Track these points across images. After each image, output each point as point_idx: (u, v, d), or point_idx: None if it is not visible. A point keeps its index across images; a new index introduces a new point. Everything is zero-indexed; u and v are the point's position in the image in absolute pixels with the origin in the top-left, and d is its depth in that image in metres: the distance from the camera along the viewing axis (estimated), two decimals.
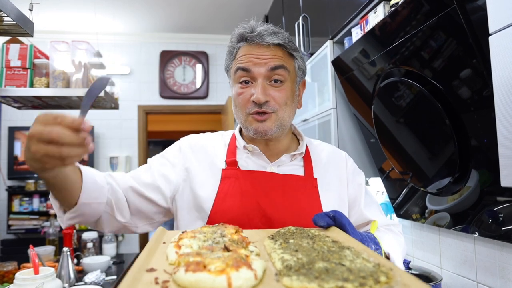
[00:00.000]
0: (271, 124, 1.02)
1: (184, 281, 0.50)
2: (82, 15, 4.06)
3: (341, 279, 0.49)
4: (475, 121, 1.19)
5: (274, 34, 1.02)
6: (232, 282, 0.49)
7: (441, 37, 1.21)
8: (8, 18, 1.23)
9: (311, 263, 0.56)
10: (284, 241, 0.72)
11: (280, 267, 0.57)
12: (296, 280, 0.49)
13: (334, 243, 0.69)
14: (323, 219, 0.84)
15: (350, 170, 1.17)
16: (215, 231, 0.75)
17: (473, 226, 1.40)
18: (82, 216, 0.95)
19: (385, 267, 0.54)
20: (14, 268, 2.39)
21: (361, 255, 0.61)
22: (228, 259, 0.54)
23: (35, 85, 2.19)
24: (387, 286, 0.49)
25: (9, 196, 4.28)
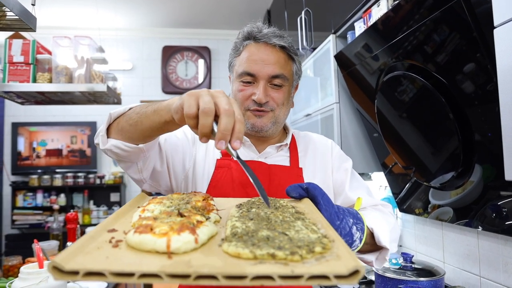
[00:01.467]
0: (267, 120, 1.10)
1: (131, 242, 0.54)
2: (84, 10, 4.06)
3: (276, 247, 0.51)
4: (479, 115, 1.18)
5: (280, 37, 1.10)
6: (171, 244, 0.51)
7: (445, 31, 1.20)
8: (11, 13, 1.23)
9: (256, 231, 0.58)
10: (247, 209, 0.74)
11: (228, 233, 0.59)
12: (233, 246, 0.52)
13: (294, 214, 0.71)
14: (295, 190, 0.87)
15: (336, 157, 1.22)
16: (183, 198, 0.78)
17: (476, 220, 1.39)
18: (127, 153, 0.95)
19: (327, 239, 0.55)
20: (18, 262, 2.40)
21: (312, 226, 0.62)
22: (176, 224, 0.57)
23: (38, 80, 2.20)
24: (320, 256, 0.50)
25: (13, 191, 4.31)
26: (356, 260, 0.47)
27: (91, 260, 0.48)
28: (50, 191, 4.38)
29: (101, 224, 0.61)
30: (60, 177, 4.35)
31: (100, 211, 4.35)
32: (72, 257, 0.48)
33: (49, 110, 4.39)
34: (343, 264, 0.47)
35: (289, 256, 0.48)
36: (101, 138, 0.95)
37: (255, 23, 1.13)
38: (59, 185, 4.33)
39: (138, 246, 0.53)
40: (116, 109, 0.97)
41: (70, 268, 0.45)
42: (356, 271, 0.45)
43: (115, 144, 0.93)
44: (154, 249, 0.52)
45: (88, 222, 4.26)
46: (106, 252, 0.52)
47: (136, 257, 0.50)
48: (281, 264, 0.48)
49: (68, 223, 2.42)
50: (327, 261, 0.49)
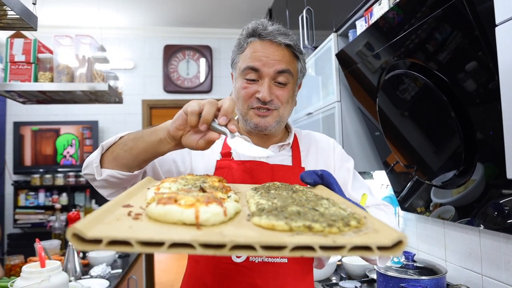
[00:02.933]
0: (271, 120, 1.08)
1: (154, 213, 0.51)
2: (86, 9, 4.06)
3: (311, 220, 0.49)
4: (481, 113, 1.18)
5: (286, 35, 1.08)
6: (200, 215, 0.49)
7: (446, 29, 1.19)
8: (12, 12, 1.23)
9: (285, 207, 0.56)
10: (265, 191, 0.73)
11: (254, 209, 0.57)
12: (265, 218, 0.50)
13: (315, 196, 0.69)
14: (310, 176, 0.86)
15: (338, 156, 1.21)
16: (198, 179, 0.77)
17: (478, 219, 1.39)
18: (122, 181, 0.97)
19: (358, 215, 0.54)
20: (20, 261, 2.41)
21: (338, 204, 0.61)
22: (201, 197, 0.54)
23: (39, 79, 2.20)
24: (356, 229, 0.49)
25: (15, 191, 4.31)
26: (397, 231, 0.46)
27: (113, 229, 0.45)
28: (52, 191, 4.38)
29: (114, 200, 0.58)
30: (62, 177, 4.36)
31: None
32: (92, 225, 0.44)
33: (50, 109, 4.40)
34: (384, 236, 0.46)
35: (327, 228, 0.47)
36: (96, 169, 0.97)
37: (259, 19, 1.11)
38: (61, 184, 4.34)
39: (163, 218, 0.50)
40: (106, 141, 0.98)
41: (93, 235, 0.42)
42: (400, 242, 0.44)
43: (110, 174, 0.95)
44: (180, 220, 0.49)
45: None
46: (127, 223, 0.48)
47: (162, 227, 0.48)
48: (320, 235, 0.46)
49: (70, 222, 2.43)
50: (365, 233, 0.47)
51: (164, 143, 0.87)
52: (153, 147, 0.89)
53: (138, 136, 0.92)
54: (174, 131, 0.83)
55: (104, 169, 0.97)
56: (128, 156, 0.93)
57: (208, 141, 0.80)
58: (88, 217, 0.46)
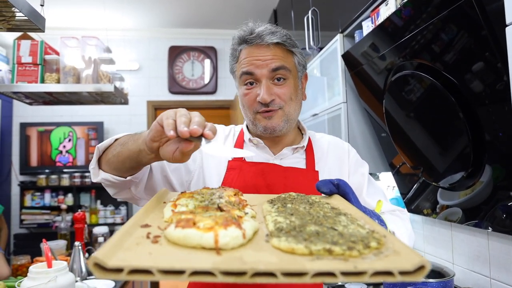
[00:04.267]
0: (278, 120, 1.06)
1: (173, 237, 0.50)
2: (92, 11, 4.08)
3: (330, 242, 0.48)
4: (490, 114, 1.17)
5: (273, 34, 1.05)
6: (219, 239, 0.48)
7: (454, 30, 1.18)
8: (20, 13, 1.24)
9: (303, 226, 0.55)
10: (282, 205, 0.72)
11: (272, 228, 0.57)
12: (285, 241, 0.49)
13: (332, 210, 0.68)
14: (326, 186, 0.85)
15: (352, 161, 1.19)
16: (214, 193, 0.76)
17: (486, 221, 1.38)
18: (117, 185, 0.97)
19: (378, 234, 0.53)
20: (27, 261, 2.42)
21: (357, 221, 0.60)
22: (219, 218, 0.54)
23: (46, 81, 2.21)
24: (376, 251, 0.48)
25: (21, 191, 4.34)
26: (419, 255, 0.45)
27: (134, 256, 0.45)
28: (58, 191, 4.41)
29: (132, 220, 0.57)
30: (67, 177, 4.38)
31: (107, 210, 4.38)
32: (112, 253, 0.44)
33: (56, 110, 4.43)
34: (405, 259, 0.45)
35: (347, 252, 0.46)
36: (93, 171, 0.97)
37: (247, 24, 1.09)
38: (67, 185, 4.36)
39: (182, 242, 0.49)
40: (102, 143, 0.97)
41: (114, 265, 0.42)
42: (422, 267, 0.43)
43: (105, 177, 0.95)
44: (200, 244, 0.48)
45: (95, 221, 4.29)
46: (147, 247, 0.48)
47: (181, 253, 0.47)
48: (340, 259, 0.45)
49: (76, 222, 2.44)
50: (386, 256, 0.46)
51: (143, 153, 0.82)
52: (135, 156, 0.85)
53: (125, 142, 0.89)
54: (150, 143, 0.78)
55: (101, 171, 0.96)
56: (116, 162, 0.91)
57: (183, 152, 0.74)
58: (109, 243, 0.46)
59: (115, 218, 4.36)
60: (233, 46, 1.12)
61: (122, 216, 4.40)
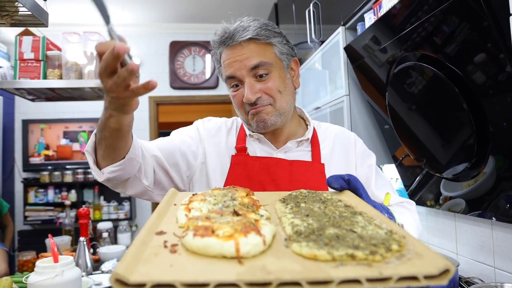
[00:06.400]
0: (267, 114, 1.04)
1: (192, 246, 0.50)
2: (93, 6, 4.06)
3: (352, 246, 0.48)
4: (494, 104, 1.17)
5: (244, 30, 1.03)
6: (240, 247, 0.48)
7: (458, 20, 1.18)
8: (24, 8, 1.23)
9: (322, 229, 0.55)
10: (295, 204, 0.71)
11: (290, 232, 0.56)
12: (306, 246, 0.49)
13: (346, 208, 0.68)
14: (337, 181, 0.84)
15: (359, 152, 1.16)
16: (226, 194, 0.75)
17: (489, 212, 1.38)
18: (123, 171, 0.95)
19: (397, 235, 0.53)
20: (32, 257, 2.44)
21: (374, 221, 0.60)
22: (237, 224, 0.54)
23: (48, 77, 2.21)
24: (399, 254, 0.48)
25: (25, 188, 4.36)
26: (443, 257, 0.45)
27: (155, 269, 0.44)
28: (61, 187, 4.42)
29: (146, 227, 0.56)
30: (70, 174, 4.39)
31: (110, 206, 4.40)
32: (133, 267, 0.44)
33: (58, 107, 4.43)
34: (429, 263, 0.45)
35: (370, 256, 0.46)
36: (95, 174, 0.97)
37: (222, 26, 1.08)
38: (70, 181, 4.37)
39: (202, 251, 0.49)
40: (87, 145, 0.96)
41: (136, 280, 0.41)
42: (446, 270, 0.43)
43: (109, 171, 0.94)
44: (221, 253, 0.48)
45: (99, 217, 4.31)
46: (166, 258, 0.48)
47: (202, 263, 0.47)
48: (364, 265, 0.45)
49: (80, 218, 2.44)
50: (409, 259, 0.46)
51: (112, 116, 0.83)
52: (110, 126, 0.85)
53: (97, 127, 0.90)
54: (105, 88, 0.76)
55: (102, 169, 0.96)
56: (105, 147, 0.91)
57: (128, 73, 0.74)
58: (128, 257, 0.45)
59: (118, 214, 4.38)
60: (214, 50, 1.11)
61: (125, 211, 4.41)
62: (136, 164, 0.99)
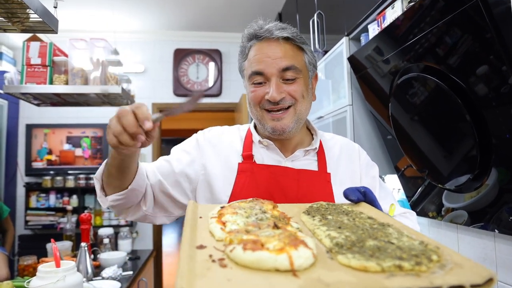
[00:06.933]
0: (288, 120, 1.03)
1: (244, 260, 0.50)
2: (100, 13, 4.11)
3: (396, 257, 0.49)
4: (497, 116, 1.17)
5: (283, 29, 1.05)
6: (294, 261, 0.49)
7: (461, 32, 1.19)
8: (35, 15, 1.26)
9: (361, 241, 0.56)
10: (322, 217, 0.72)
11: (329, 244, 0.57)
12: (353, 258, 0.50)
13: (373, 220, 0.69)
14: (354, 194, 0.85)
15: (364, 163, 1.17)
16: (253, 207, 0.75)
17: (492, 224, 1.38)
18: (125, 199, 1.00)
19: (431, 245, 0.55)
20: (33, 262, 2.44)
21: (404, 232, 0.61)
22: (283, 237, 0.54)
23: (54, 82, 2.24)
24: (440, 264, 0.49)
25: (27, 192, 4.36)
26: (484, 267, 0.47)
27: (215, 284, 0.45)
28: (63, 193, 4.43)
29: (186, 242, 0.56)
30: (72, 179, 4.40)
31: (111, 212, 4.39)
32: (192, 283, 0.44)
33: (62, 112, 4.45)
34: (471, 272, 0.47)
35: (416, 267, 0.48)
36: (100, 200, 1.02)
37: (256, 22, 1.09)
38: (72, 186, 4.38)
39: (255, 265, 0.49)
40: (97, 172, 1.02)
41: None
42: (490, 279, 0.45)
43: (112, 199, 0.99)
44: (274, 267, 0.48)
45: (100, 223, 4.30)
46: (220, 273, 0.48)
47: (259, 277, 0.47)
48: (412, 275, 0.47)
49: (82, 223, 2.45)
50: (451, 269, 0.48)
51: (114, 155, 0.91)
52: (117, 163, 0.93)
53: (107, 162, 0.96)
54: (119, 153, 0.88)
55: (107, 197, 1.01)
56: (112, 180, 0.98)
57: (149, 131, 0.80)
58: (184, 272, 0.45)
59: (119, 220, 4.37)
60: (243, 44, 1.11)
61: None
62: (139, 194, 1.04)
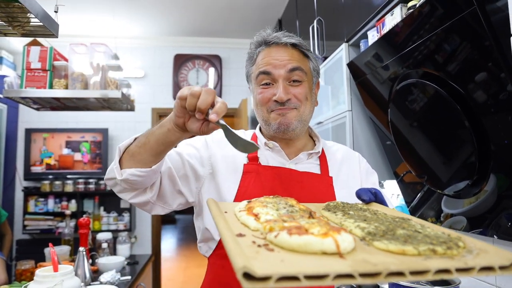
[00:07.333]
0: (292, 117, 1.08)
1: (291, 244, 0.53)
2: (101, 18, 4.13)
3: (428, 243, 0.53)
4: (496, 123, 1.18)
5: (290, 36, 1.12)
6: (340, 244, 0.52)
7: (460, 39, 1.20)
8: (36, 19, 1.26)
9: (391, 230, 0.60)
10: (343, 212, 0.76)
11: (361, 234, 0.61)
12: (389, 244, 0.53)
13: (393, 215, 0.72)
14: (366, 194, 0.89)
15: (364, 170, 1.23)
16: (278, 202, 0.79)
17: (491, 230, 1.38)
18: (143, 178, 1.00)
19: (453, 234, 0.58)
20: (31, 266, 2.43)
21: (425, 225, 0.65)
22: (324, 224, 0.58)
23: (54, 86, 2.24)
24: (466, 250, 0.53)
25: (25, 197, 4.35)
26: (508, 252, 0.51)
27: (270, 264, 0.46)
28: (61, 197, 4.42)
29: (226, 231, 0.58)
30: (71, 183, 4.39)
31: (110, 217, 4.38)
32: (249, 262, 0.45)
33: (61, 116, 4.46)
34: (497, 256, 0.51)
35: (448, 251, 0.52)
36: (116, 170, 1.00)
37: (264, 30, 1.15)
38: (70, 191, 4.37)
39: (302, 248, 0.52)
40: (123, 143, 1.03)
41: (263, 273, 0.43)
42: None
43: (131, 173, 0.98)
44: (321, 250, 0.51)
45: (98, 228, 4.29)
46: (270, 256, 0.50)
47: (310, 259, 0.50)
48: (446, 258, 0.51)
49: (80, 228, 2.44)
50: (477, 254, 0.52)
51: (172, 132, 0.91)
52: (164, 138, 0.93)
53: (149, 132, 0.97)
54: (176, 120, 0.88)
55: (124, 169, 0.99)
56: (143, 152, 0.97)
57: (211, 128, 0.86)
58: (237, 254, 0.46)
59: (118, 225, 4.36)
60: (251, 51, 1.16)
61: (125, 223, 4.39)
62: (154, 178, 1.04)
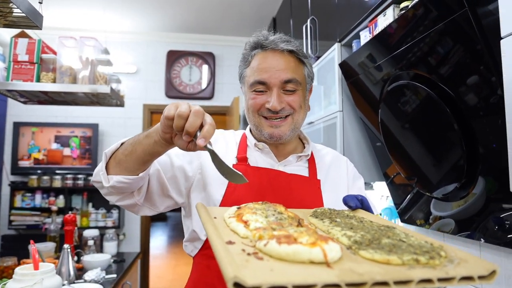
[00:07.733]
0: (286, 128, 1.09)
1: (280, 253, 0.54)
2: (91, 12, 4.08)
3: (412, 253, 0.54)
4: (485, 126, 1.17)
5: (288, 42, 1.10)
6: (327, 253, 0.53)
7: (451, 42, 1.19)
8: (18, 10, 1.23)
9: (377, 239, 0.61)
10: (330, 219, 0.77)
11: (348, 242, 0.62)
12: (375, 253, 0.55)
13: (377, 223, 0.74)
14: (353, 200, 0.90)
15: (351, 174, 1.24)
16: (267, 208, 0.80)
17: (478, 233, 1.38)
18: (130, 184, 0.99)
19: (436, 243, 0.60)
20: (13, 263, 2.38)
21: (409, 233, 0.67)
22: (312, 233, 0.59)
23: (41, 80, 2.20)
24: (448, 259, 0.55)
25: (12, 192, 4.28)
26: (487, 261, 0.53)
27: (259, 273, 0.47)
28: (49, 192, 4.36)
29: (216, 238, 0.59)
30: (59, 179, 4.33)
31: (98, 214, 4.34)
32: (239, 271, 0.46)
33: (51, 110, 4.40)
34: (476, 265, 0.53)
35: (431, 261, 0.53)
36: (103, 176, 0.99)
37: (260, 31, 1.12)
38: (58, 186, 4.31)
39: (290, 257, 0.53)
40: (109, 148, 1.01)
41: (253, 283, 0.44)
42: (494, 271, 0.51)
43: (118, 180, 0.97)
44: (309, 259, 0.52)
45: (86, 224, 4.24)
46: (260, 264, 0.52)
47: (298, 268, 0.51)
48: (429, 268, 0.52)
49: (66, 224, 2.40)
50: (458, 263, 0.54)
51: (158, 144, 0.90)
52: (150, 149, 0.92)
53: (136, 141, 0.95)
54: (162, 135, 0.86)
55: (110, 175, 0.98)
56: (129, 160, 0.95)
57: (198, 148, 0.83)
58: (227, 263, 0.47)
59: (106, 222, 4.32)
60: (246, 51, 1.14)
61: (113, 219, 4.35)
62: (141, 183, 1.03)
